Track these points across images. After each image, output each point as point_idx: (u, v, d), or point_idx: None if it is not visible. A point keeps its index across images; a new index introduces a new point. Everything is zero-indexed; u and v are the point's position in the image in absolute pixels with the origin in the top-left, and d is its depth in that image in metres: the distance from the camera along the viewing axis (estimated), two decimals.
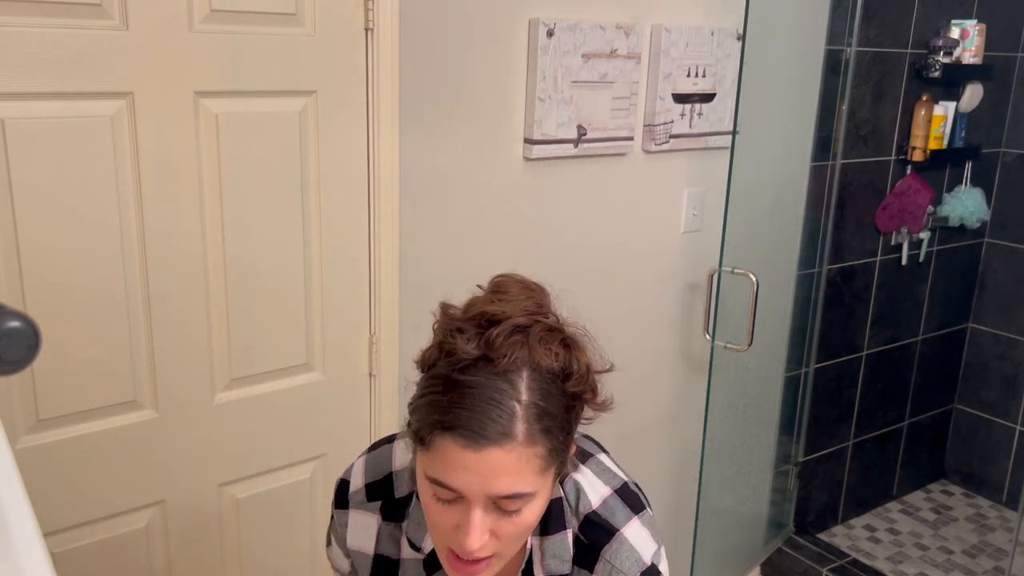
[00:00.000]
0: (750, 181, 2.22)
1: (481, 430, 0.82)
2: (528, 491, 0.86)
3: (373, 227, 1.78)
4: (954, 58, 2.74)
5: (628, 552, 0.98)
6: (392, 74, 1.72)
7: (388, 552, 1.06)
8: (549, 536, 0.98)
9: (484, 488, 0.84)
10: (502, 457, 0.83)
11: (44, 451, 1.51)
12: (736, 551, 2.66)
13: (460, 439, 0.83)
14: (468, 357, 0.86)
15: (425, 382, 0.90)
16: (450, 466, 0.84)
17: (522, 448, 0.84)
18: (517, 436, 0.84)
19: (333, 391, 1.82)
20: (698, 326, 2.43)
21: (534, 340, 0.87)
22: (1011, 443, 3.18)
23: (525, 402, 0.84)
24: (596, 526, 0.99)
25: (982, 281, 3.21)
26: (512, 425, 0.83)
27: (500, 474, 0.84)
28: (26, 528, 0.58)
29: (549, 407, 0.86)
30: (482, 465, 0.83)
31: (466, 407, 0.83)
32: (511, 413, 0.83)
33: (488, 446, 0.83)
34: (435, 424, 0.85)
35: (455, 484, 0.85)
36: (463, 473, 0.84)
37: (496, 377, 0.85)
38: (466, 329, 0.88)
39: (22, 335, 0.58)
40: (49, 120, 1.40)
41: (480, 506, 0.86)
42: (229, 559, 1.78)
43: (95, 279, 1.50)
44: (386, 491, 1.05)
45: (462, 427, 0.83)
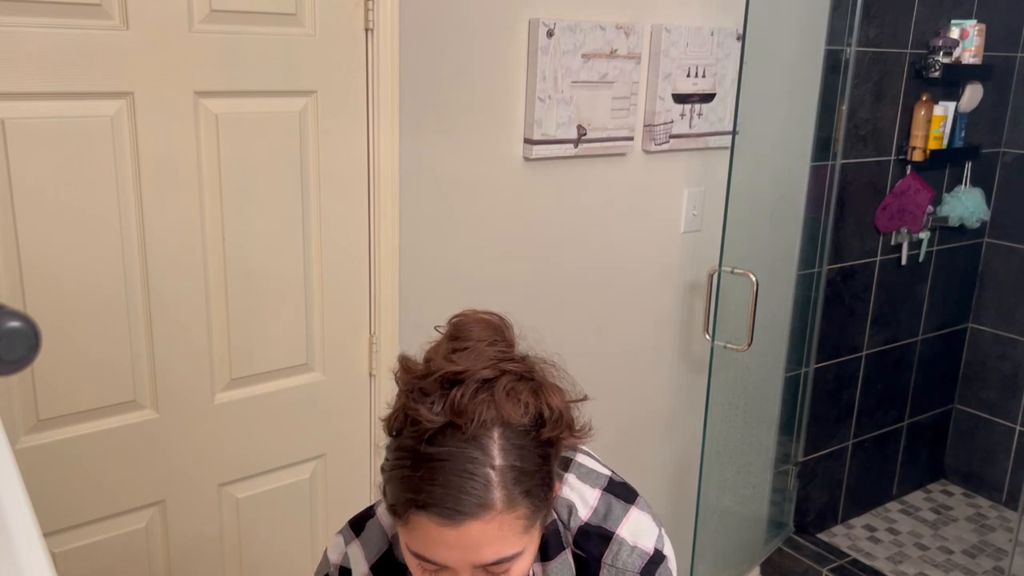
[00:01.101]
0: (750, 181, 2.22)
1: (456, 506, 0.79)
2: (514, 553, 0.84)
3: (373, 227, 1.78)
4: (954, 58, 2.74)
5: (629, 550, 0.97)
6: (392, 74, 1.72)
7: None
8: (550, 561, 0.97)
9: (468, 560, 0.82)
10: (482, 528, 0.81)
11: (44, 451, 1.51)
12: (736, 551, 2.66)
13: (436, 517, 0.80)
14: (434, 425, 0.82)
15: (393, 453, 0.86)
16: (430, 543, 0.82)
17: (502, 515, 0.81)
18: (495, 505, 0.81)
19: (333, 391, 1.82)
20: (698, 326, 2.43)
21: (501, 396, 0.83)
22: (1011, 443, 3.18)
23: (500, 467, 0.81)
24: (590, 537, 0.97)
25: (982, 281, 3.21)
26: (489, 494, 0.80)
27: (482, 545, 0.81)
28: (26, 528, 0.58)
29: (526, 465, 0.83)
30: (463, 540, 0.81)
31: (438, 483, 0.80)
32: (486, 482, 0.80)
33: (466, 520, 0.80)
34: (409, 503, 0.82)
35: (438, 559, 0.83)
36: (444, 549, 0.81)
37: (466, 445, 0.81)
38: (430, 391, 0.84)
39: (22, 335, 0.58)
40: (49, 120, 1.40)
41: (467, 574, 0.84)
42: (229, 559, 1.78)
43: (95, 279, 1.50)
44: (390, 564, 1.01)
45: (437, 505, 0.80)
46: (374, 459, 1.90)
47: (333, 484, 1.87)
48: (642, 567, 0.97)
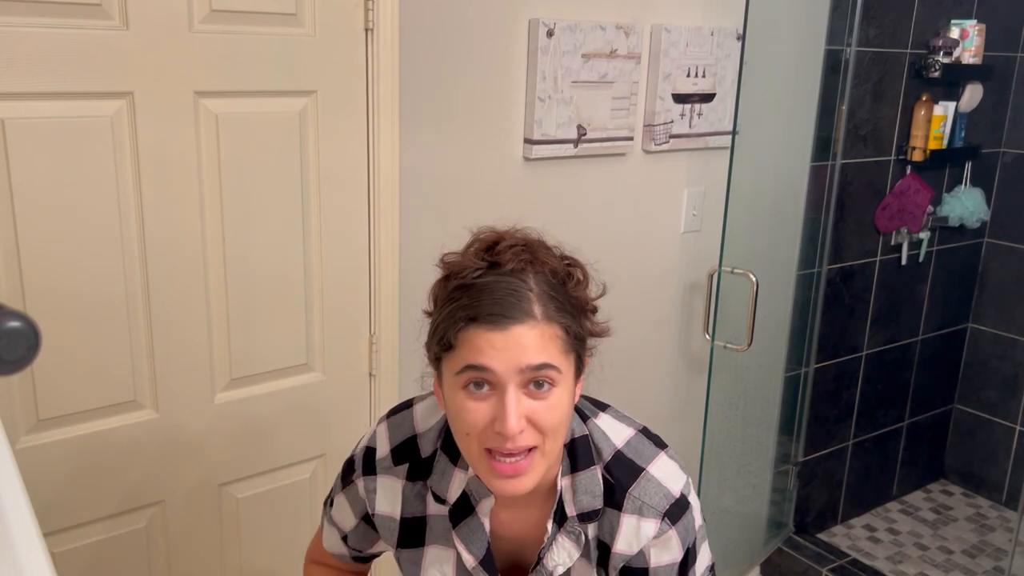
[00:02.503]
0: (750, 181, 2.22)
1: (503, 311, 0.90)
2: (555, 363, 0.91)
3: (373, 227, 1.78)
4: (954, 58, 2.74)
5: (656, 487, 1.01)
6: (392, 74, 1.72)
7: (414, 512, 1.08)
8: (579, 472, 1.01)
9: (515, 362, 0.89)
10: (526, 332, 0.90)
11: (44, 451, 1.51)
12: (736, 551, 2.66)
13: (486, 324, 0.90)
14: (478, 267, 0.94)
15: (441, 301, 0.96)
16: (481, 350, 0.90)
17: (543, 325, 0.91)
18: (536, 314, 0.91)
19: (333, 391, 1.82)
20: (698, 326, 2.43)
21: (536, 249, 0.96)
22: (1011, 443, 3.18)
23: (537, 291, 0.92)
24: (622, 465, 1.02)
25: (982, 281, 3.21)
26: (530, 306, 0.91)
27: (527, 347, 0.90)
28: (26, 528, 0.58)
29: (559, 297, 0.94)
30: (510, 342, 0.89)
31: (485, 299, 0.91)
32: (527, 298, 0.91)
33: (512, 324, 0.89)
34: (460, 320, 0.91)
35: (488, 363, 0.89)
36: (493, 352, 0.89)
37: (507, 276, 0.93)
38: (470, 252, 0.97)
39: (22, 335, 0.58)
40: (49, 120, 1.40)
41: (514, 386, 0.90)
42: (229, 559, 1.78)
43: (95, 279, 1.50)
44: (412, 452, 1.08)
45: (486, 313, 0.90)
46: None
47: (332, 485, 1.87)
48: (667, 508, 1.01)
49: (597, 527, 1.03)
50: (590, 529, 1.03)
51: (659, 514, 1.00)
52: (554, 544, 1.03)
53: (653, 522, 1.00)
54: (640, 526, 1.00)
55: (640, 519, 1.00)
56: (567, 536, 1.02)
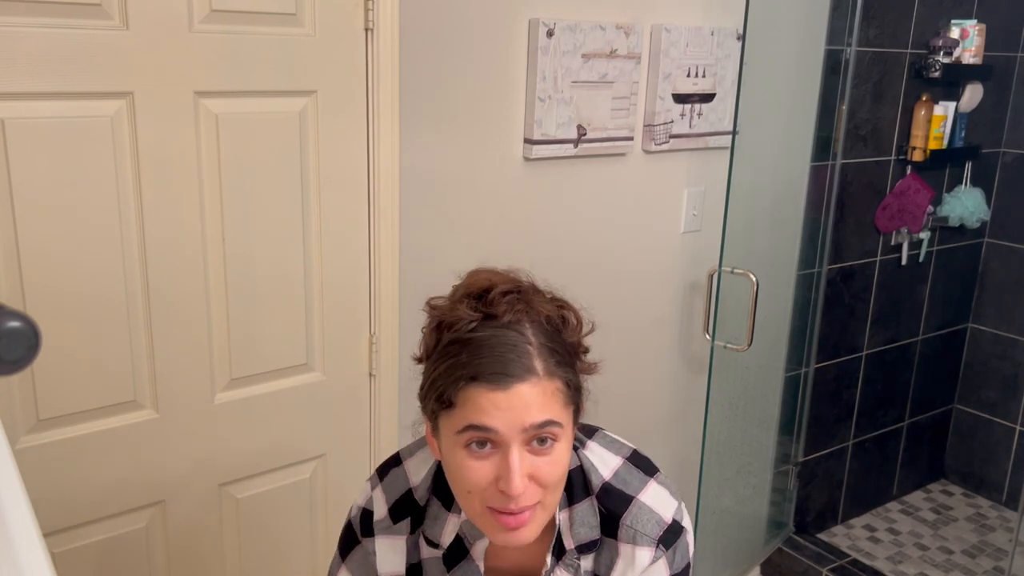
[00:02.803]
0: (750, 181, 2.21)
1: (505, 370, 0.88)
2: (557, 419, 0.90)
3: (373, 227, 1.78)
4: (954, 58, 2.74)
5: (648, 515, 1.01)
6: (392, 74, 1.72)
7: (412, 560, 1.07)
8: (575, 505, 1.02)
9: (518, 422, 0.88)
10: (528, 391, 0.89)
11: (44, 451, 1.51)
12: (736, 551, 2.66)
13: (487, 383, 0.88)
14: (472, 319, 0.92)
15: (435, 357, 0.94)
16: (483, 409, 0.88)
17: (544, 381, 0.90)
18: (538, 370, 0.90)
19: (333, 391, 1.82)
20: (698, 326, 2.43)
21: (528, 296, 0.95)
22: (1011, 443, 3.18)
23: (537, 344, 0.91)
24: (612, 497, 1.02)
25: (982, 281, 3.21)
26: (531, 362, 0.90)
27: (530, 406, 0.89)
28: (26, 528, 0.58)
29: (558, 348, 0.93)
30: (513, 401, 0.88)
31: (485, 356, 0.89)
32: (527, 353, 0.90)
33: (514, 383, 0.88)
34: (460, 379, 0.89)
35: (491, 423, 0.88)
36: (496, 412, 0.88)
37: (504, 329, 0.91)
38: (461, 302, 0.95)
39: (22, 335, 0.58)
40: (49, 120, 1.40)
41: (517, 445, 0.89)
42: (229, 559, 1.78)
43: (95, 279, 1.50)
44: (411, 506, 1.07)
45: (487, 372, 0.88)
46: (374, 459, 1.90)
47: (333, 484, 1.87)
48: (660, 535, 1.00)
49: (594, 561, 1.02)
50: (585, 562, 1.02)
51: (653, 542, 1.00)
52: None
53: (648, 550, 1.00)
54: (635, 554, 1.00)
55: (635, 548, 1.00)
56: (565, 569, 1.02)
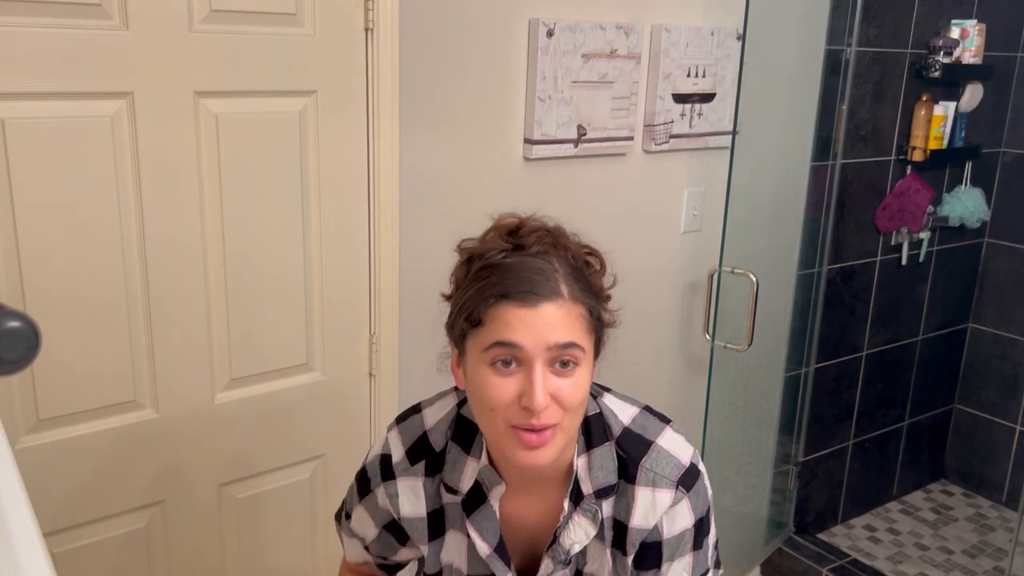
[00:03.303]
0: (750, 181, 2.21)
1: (533, 289, 0.93)
2: (580, 342, 0.95)
3: (373, 227, 1.78)
4: (954, 58, 2.74)
5: (666, 458, 1.05)
6: (392, 74, 1.72)
7: (434, 506, 1.10)
8: (594, 450, 1.05)
9: (543, 339, 0.93)
10: (554, 311, 0.93)
11: (44, 451, 1.51)
12: (736, 551, 2.66)
13: (516, 301, 0.93)
14: (503, 249, 0.97)
15: (466, 284, 0.99)
16: (511, 326, 0.93)
17: (569, 304, 0.95)
18: (564, 294, 0.95)
19: (333, 391, 1.82)
20: (698, 326, 2.43)
21: (557, 234, 1.01)
22: (1011, 443, 3.18)
23: (562, 272, 0.96)
24: (632, 440, 1.06)
25: (982, 281, 3.21)
26: (558, 285, 0.95)
27: (555, 325, 0.93)
28: (26, 528, 0.58)
29: (582, 281, 0.98)
30: (538, 320, 0.93)
31: (514, 278, 0.94)
32: (554, 278, 0.95)
33: (541, 302, 0.93)
34: (490, 297, 0.94)
35: (517, 339, 0.92)
36: (523, 328, 0.92)
37: (533, 257, 0.97)
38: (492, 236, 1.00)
39: (22, 335, 0.58)
40: (49, 120, 1.40)
41: (541, 363, 0.93)
42: (229, 559, 1.78)
43: (95, 279, 1.50)
44: (426, 449, 1.10)
45: (517, 289, 0.93)
46: None
47: (333, 484, 1.87)
48: (679, 476, 1.04)
49: (613, 506, 1.05)
50: (605, 508, 1.05)
51: (672, 483, 1.03)
52: (570, 523, 1.04)
53: (667, 492, 1.03)
54: (655, 497, 1.03)
55: (655, 490, 1.03)
56: (583, 514, 1.04)
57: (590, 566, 1.08)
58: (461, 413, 1.09)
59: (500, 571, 1.07)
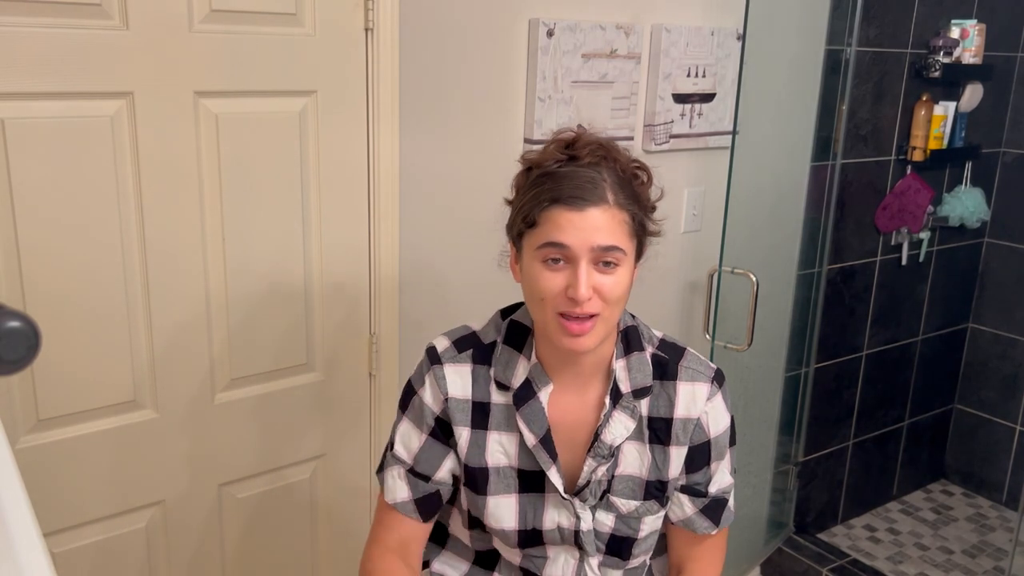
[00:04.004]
0: (750, 181, 2.21)
1: (582, 194, 1.05)
2: (621, 246, 1.07)
3: (373, 227, 1.78)
4: (954, 58, 2.74)
5: (699, 359, 1.22)
6: (392, 74, 1.72)
7: (481, 397, 1.19)
8: (632, 355, 1.18)
9: (588, 240, 1.05)
10: (599, 215, 1.05)
11: (44, 451, 1.51)
12: (736, 551, 2.66)
13: (566, 205, 1.05)
14: (559, 159, 1.09)
15: (525, 189, 1.11)
16: (560, 227, 1.05)
17: (613, 210, 1.07)
18: (609, 200, 1.07)
19: (333, 391, 1.82)
20: (698, 326, 2.43)
21: (609, 148, 1.11)
22: (1011, 443, 3.18)
23: (610, 181, 1.08)
24: (668, 347, 1.22)
25: (982, 281, 3.21)
26: (604, 193, 1.06)
27: (600, 228, 1.05)
28: (26, 528, 0.58)
29: (627, 190, 1.09)
30: (586, 223, 1.05)
31: (567, 184, 1.06)
32: (601, 186, 1.07)
33: (588, 207, 1.05)
34: (544, 201, 1.07)
35: (565, 240, 1.05)
36: (571, 230, 1.05)
37: (584, 168, 1.08)
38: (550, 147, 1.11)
39: (22, 335, 0.58)
40: (49, 120, 1.40)
41: (586, 261, 1.05)
42: (229, 559, 1.78)
43: (95, 279, 1.50)
44: (473, 341, 1.21)
45: (567, 195, 1.06)
46: (374, 459, 1.90)
47: (333, 484, 1.87)
48: (713, 373, 1.20)
49: (650, 405, 1.18)
50: (643, 407, 1.17)
51: (708, 378, 1.19)
52: (611, 419, 1.16)
53: (705, 384, 1.18)
54: (695, 390, 1.18)
55: (694, 384, 1.18)
56: (623, 411, 1.16)
57: (623, 467, 1.18)
58: (513, 319, 1.21)
59: (545, 463, 1.16)
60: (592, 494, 1.17)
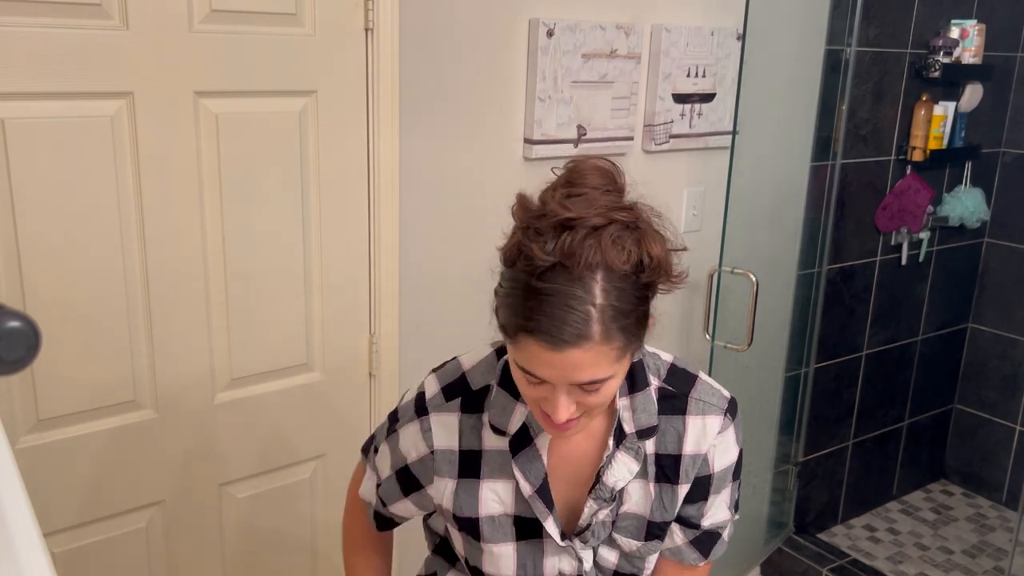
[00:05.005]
0: (750, 181, 2.21)
1: (559, 335, 0.90)
2: (606, 377, 0.95)
3: (373, 227, 1.78)
4: (954, 58, 2.74)
5: (712, 389, 1.12)
6: (392, 74, 1.72)
7: (470, 446, 1.12)
8: (636, 394, 1.09)
9: (566, 379, 0.93)
10: (580, 355, 0.91)
11: (44, 451, 1.51)
12: (736, 551, 2.66)
13: (541, 342, 0.91)
14: (545, 263, 0.91)
15: (507, 282, 0.97)
16: (534, 361, 0.93)
17: (598, 346, 0.91)
18: (593, 337, 0.91)
19: (333, 391, 1.82)
20: (698, 326, 2.43)
21: (607, 243, 0.92)
22: (1011, 443, 3.18)
23: (600, 305, 0.91)
24: (678, 375, 1.12)
25: (982, 281, 3.21)
26: (588, 328, 0.90)
27: (580, 368, 0.92)
28: (26, 528, 0.58)
29: (623, 306, 0.93)
30: (564, 363, 0.92)
31: (545, 314, 0.90)
32: (587, 318, 0.90)
33: (567, 347, 0.90)
34: (519, 327, 0.93)
35: (540, 375, 0.94)
36: (547, 368, 0.93)
37: (571, 284, 0.90)
38: (543, 232, 0.93)
39: (22, 335, 0.58)
40: (49, 120, 1.40)
41: (564, 390, 0.95)
42: (229, 559, 1.78)
43: (95, 279, 1.50)
44: (463, 387, 1.12)
45: (543, 332, 0.90)
46: None
47: (333, 484, 1.87)
48: (726, 404, 1.11)
49: (657, 442, 1.10)
50: (649, 445, 1.10)
51: (721, 410, 1.10)
52: (613, 461, 1.08)
53: (717, 417, 1.10)
54: (705, 423, 1.09)
55: (704, 418, 1.09)
56: (626, 452, 1.09)
57: (627, 506, 1.11)
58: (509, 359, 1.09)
59: (542, 514, 1.10)
60: (595, 536, 1.11)
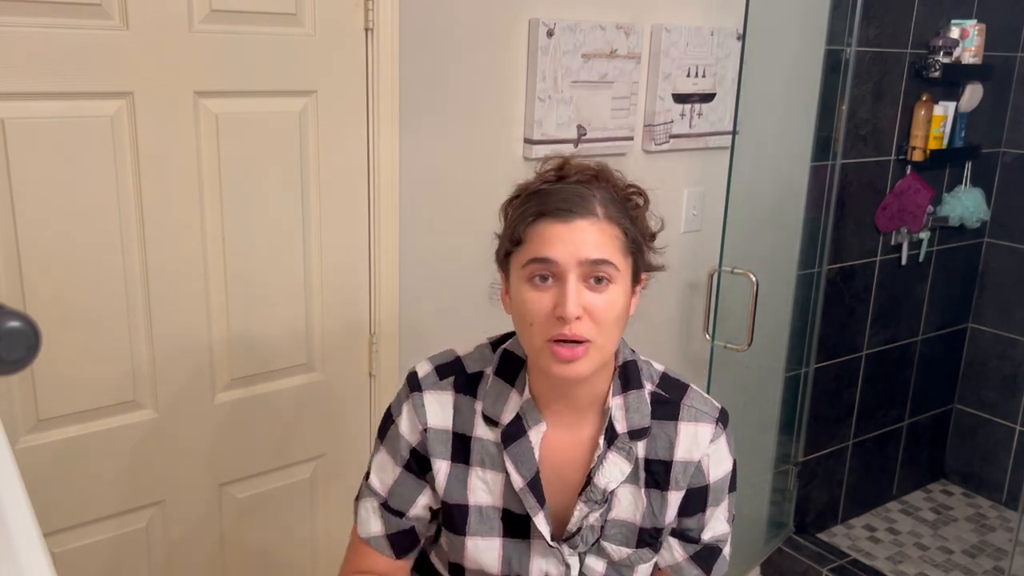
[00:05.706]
0: (750, 181, 2.21)
1: (569, 207, 1.00)
2: (612, 260, 1.00)
3: (373, 227, 1.78)
4: (954, 58, 2.74)
5: (703, 398, 1.14)
6: (392, 74, 1.72)
7: (463, 429, 1.12)
8: (630, 392, 1.10)
9: (576, 254, 0.98)
10: (588, 227, 0.99)
11: (44, 451, 1.51)
12: (736, 551, 2.65)
13: (553, 217, 1.00)
14: (546, 179, 1.05)
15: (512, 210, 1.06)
16: (547, 241, 0.99)
17: (603, 223, 1.01)
18: (598, 213, 1.01)
19: (333, 391, 1.82)
20: (698, 326, 2.43)
21: (601, 170, 1.07)
22: (1011, 443, 3.18)
23: (600, 197, 1.03)
24: (670, 383, 1.14)
25: (982, 281, 3.21)
26: (593, 206, 1.01)
27: (588, 241, 0.99)
28: (26, 528, 0.58)
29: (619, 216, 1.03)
30: (573, 235, 0.99)
31: (554, 198, 1.01)
32: (591, 200, 1.01)
33: (575, 218, 0.99)
34: (531, 215, 1.01)
35: (551, 254, 0.99)
36: (558, 243, 0.99)
37: (573, 184, 1.03)
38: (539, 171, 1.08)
39: (22, 335, 0.58)
40: (49, 120, 1.40)
41: (574, 276, 0.98)
42: (229, 559, 1.78)
43: (95, 279, 1.50)
44: (456, 368, 1.14)
45: (554, 208, 1.00)
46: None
47: (333, 484, 1.87)
48: (717, 414, 1.13)
49: (648, 447, 1.10)
50: (640, 448, 1.10)
51: (712, 419, 1.12)
52: (605, 461, 1.08)
53: (708, 426, 1.11)
54: (697, 431, 1.11)
55: (697, 424, 1.11)
56: (618, 452, 1.09)
57: (617, 512, 1.11)
58: (506, 348, 1.13)
59: (532, 508, 1.09)
60: (583, 541, 1.10)
